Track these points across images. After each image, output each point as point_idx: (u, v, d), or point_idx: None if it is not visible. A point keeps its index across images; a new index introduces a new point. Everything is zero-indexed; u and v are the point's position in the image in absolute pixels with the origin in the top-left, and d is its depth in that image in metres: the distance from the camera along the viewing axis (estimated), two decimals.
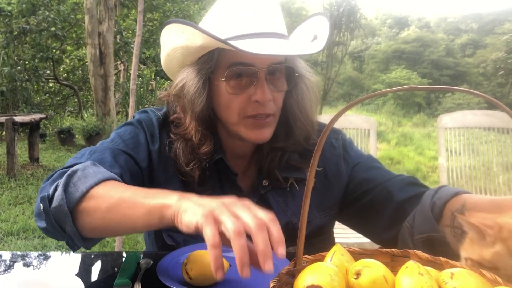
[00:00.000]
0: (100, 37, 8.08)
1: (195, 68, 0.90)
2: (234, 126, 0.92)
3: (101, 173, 0.79)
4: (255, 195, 0.98)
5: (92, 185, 0.76)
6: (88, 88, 11.08)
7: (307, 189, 0.59)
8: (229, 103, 0.90)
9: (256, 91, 0.87)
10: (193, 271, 0.76)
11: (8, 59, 9.00)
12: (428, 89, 0.54)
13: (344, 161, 1.03)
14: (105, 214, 0.74)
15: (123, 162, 0.90)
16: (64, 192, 0.76)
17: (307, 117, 0.96)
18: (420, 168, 11.32)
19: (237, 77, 0.88)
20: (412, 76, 25.12)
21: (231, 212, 0.59)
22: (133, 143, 0.94)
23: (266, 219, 0.58)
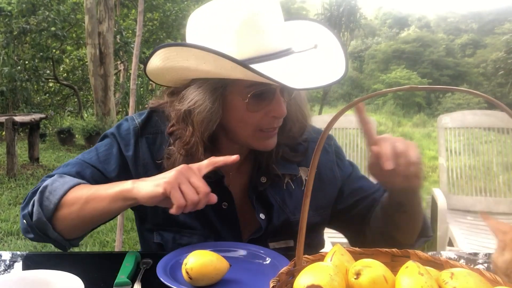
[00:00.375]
0: (100, 37, 8.08)
1: (207, 86, 0.89)
2: (245, 138, 0.94)
3: (67, 183, 0.92)
4: (254, 192, 1.00)
5: (62, 195, 0.89)
6: (88, 88, 11.08)
7: (307, 189, 0.59)
8: (246, 119, 0.91)
9: (274, 107, 0.90)
10: (193, 271, 0.76)
11: (8, 59, 9.00)
12: (428, 89, 0.54)
13: (338, 167, 1.08)
14: (78, 214, 0.88)
15: (89, 176, 0.98)
16: (40, 207, 0.90)
17: (304, 114, 0.99)
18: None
19: (258, 96, 0.89)
20: (412, 76, 25.13)
21: (187, 178, 0.81)
22: (105, 155, 1.01)
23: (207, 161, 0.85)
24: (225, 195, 0.99)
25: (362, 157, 3.20)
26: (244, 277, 0.82)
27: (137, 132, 1.01)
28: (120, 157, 0.99)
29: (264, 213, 1.00)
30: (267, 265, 0.86)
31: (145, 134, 1.01)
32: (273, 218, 1.00)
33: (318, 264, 0.60)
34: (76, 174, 0.97)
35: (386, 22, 41.58)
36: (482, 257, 0.94)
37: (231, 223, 1.01)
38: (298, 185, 1.03)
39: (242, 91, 0.88)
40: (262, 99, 0.89)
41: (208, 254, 0.79)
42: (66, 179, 0.93)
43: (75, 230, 0.93)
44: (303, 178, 1.04)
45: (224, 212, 1.00)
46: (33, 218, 0.90)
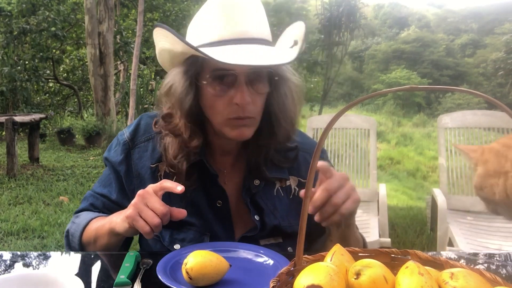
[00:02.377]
0: (100, 37, 8.07)
1: (182, 70, 0.96)
2: (219, 125, 0.97)
3: (81, 224, 1.03)
4: (248, 194, 1.02)
5: (80, 236, 1.02)
6: (88, 88, 11.08)
7: (307, 189, 0.59)
8: (212, 104, 0.95)
9: (236, 94, 0.91)
10: (193, 271, 0.76)
11: (8, 59, 9.00)
12: (428, 89, 0.54)
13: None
14: (95, 247, 1.01)
15: (100, 206, 1.08)
16: (68, 247, 1.07)
17: (288, 119, 1.00)
18: (420, 168, 11.33)
19: (219, 80, 0.93)
20: (412, 76, 25.14)
21: (145, 204, 0.86)
22: (107, 180, 1.09)
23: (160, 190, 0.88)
24: (220, 193, 1.02)
25: (362, 157, 3.20)
26: (244, 277, 0.82)
27: (128, 146, 1.05)
28: (117, 178, 1.06)
29: (258, 215, 1.02)
30: (267, 265, 0.86)
31: (136, 145, 1.05)
32: (266, 221, 1.02)
33: (318, 264, 0.60)
34: (90, 206, 1.08)
35: (386, 22, 41.57)
36: (482, 257, 0.94)
37: (225, 221, 1.04)
38: (286, 193, 1.05)
39: (208, 76, 0.93)
40: (225, 84, 0.93)
41: (208, 254, 0.79)
42: (80, 219, 1.05)
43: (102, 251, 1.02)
44: (292, 187, 1.05)
45: (218, 210, 1.03)
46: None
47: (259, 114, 0.97)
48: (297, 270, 0.62)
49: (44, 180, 5.39)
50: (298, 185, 1.06)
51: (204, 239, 1.01)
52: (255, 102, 0.94)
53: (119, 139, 1.07)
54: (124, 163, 1.04)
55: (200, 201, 1.02)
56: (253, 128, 0.97)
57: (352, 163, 3.23)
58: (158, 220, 0.84)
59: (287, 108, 0.99)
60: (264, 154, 1.01)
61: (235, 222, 1.04)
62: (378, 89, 22.82)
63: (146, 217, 0.84)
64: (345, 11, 9.97)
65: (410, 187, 9.10)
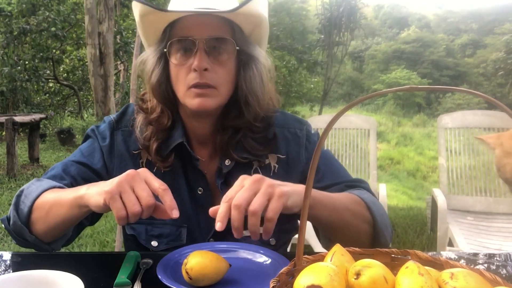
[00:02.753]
0: (100, 37, 8.08)
1: (153, 48, 1.02)
2: (183, 99, 0.98)
3: (42, 186, 0.92)
4: (220, 176, 1.02)
5: (35, 198, 0.90)
6: (88, 88, 11.09)
7: (307, 188, 0.59)
8: (176, 75, 0.98)
9: (194, 60, 0.94)
10: (193, 271, 0.76)
11: (8, 59, 9.01)
12: (428, 89, 0.54)
13: (305, 150, 1.08)
14: (45, 219, 0.89)
15: (75, 172, 1.01)
16: (15, 211, 0.91)
17: (255, 98, 1.01)
18: (420, 168, 11.33)
19: (179, 50, 0.96)
20: (412, 76, 25.13)
21: (131, 187, 0.76)
22: (88, 151, 1.05)
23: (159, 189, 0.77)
24: (200, 180, 1.03)
25: (362, 157, 3.20)
26: (244, 277, 0.82)
27: (112, 125, 1.07)
28: (101, 150, 1.05)
29: None
30: (267, 265, 0.86)
31: (121, 127, 1.07)
32: None
33: (318, 264, 0.60)
34: (62, 172, 1.00)
35: (386, 22, 41.57)
36: (482, 257, 0.94)
37: (206, 209, 1.03)
38: (266, 172, 1.04)
39: (170, 45, 0.97)
40: (185, 53, 0.96)
41: (208, 254, 0.79)
42: (42, 182, 0.95)
43: (49, 234, 0.92)
44: (271, 165, 1.05)
45: (199, 198, 1.03)
46: (10, 222, 0.92)
47: (222, 85, 0.98)
48: (297, 270, 0.62)
49: None
50: (278, 162, 1.05)
51: (182, 232, 1.02)
52: (215, 71, 0.96)
53: (105, 119, 1.10)
54: (109, 139, 1.05)
55: (181, 188, 1.03)
56: (216, 99, 0.97)
57: (352, 163, 3.23)
58: (139, 209, 0.75)
59: (254, 87, 1.00)
60: (236, 135, 1.02)
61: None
62: (378, 89, 22.83)
63: (127, 200, 0.75)
64: (345, 11, 9.98)
65: (410, 187, 9.11)
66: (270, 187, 0.77)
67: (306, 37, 12.46)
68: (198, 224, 1.03)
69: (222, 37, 0.96)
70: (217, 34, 0.96)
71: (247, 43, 1.01)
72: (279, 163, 1.06)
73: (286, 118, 1.11)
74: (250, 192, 0.76)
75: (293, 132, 1.09)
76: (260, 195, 0.76)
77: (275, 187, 0.78)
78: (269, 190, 0.77)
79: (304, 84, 12.27)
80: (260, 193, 0.76)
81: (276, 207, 0.76)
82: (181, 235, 1.02)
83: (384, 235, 0.95)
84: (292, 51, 11.34)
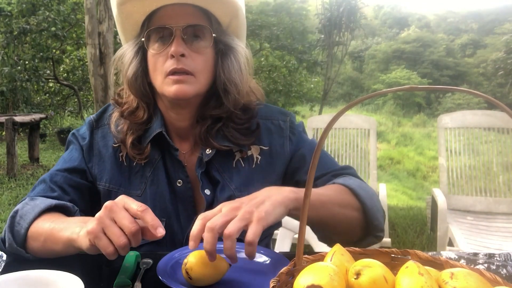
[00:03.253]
0: (100, 37, 8.07)
1: (131, 42, 1.04)
2: (161, 88, 0.98)
3: (37, 206, 0.90)
4: (200, 166, 1.02)
5: (30, 222, 0.88)
6: (88, 88, 11.08)
7: (307, 188, 0.59)
8: (154, 64, 0.98)
9: (171, 46, 0.95)
10: (193, 271, 0.76)
11: (8, 59, 9.00)
12: (428, 89, 0.54)
13: (289, 141, 1.08)
14: (42, 248, 0.87)
15: (61, 181, 1.02)
16: (10, 233, 0.90)
17: (234, 86, 1.01)
18: (420, 168, 11.33)
19: (157, 40, 0.98)
20: (412, 76, 25.13)
21: (112, 219, 0.73)
22: (69, 155, 1.07)
23: (138, 212, 0.73)
24: (180, 172, 1.03)
25: (362, 157, 3.20)
26: (244, 277, 0.82)
27: (92, 125, 1.09)
28: (81, 148, 1.07)
29: (210, 189, 1.02)
30: (267, 265, 0.86)
31: (100, 126, 1.09)
32: (217, 193, 1.01)
33: (318, 264, 0.60)
34: (51, 183, 1.01)
35: (386, 22, 41.57)
36: (482, 257, 0.94)
37: (186, 202, 1.03)
38: (249, 163, 1.05)
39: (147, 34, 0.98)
40: (162, 42, 0.97)
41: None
42: (37, 201, 0.93)
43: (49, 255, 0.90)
44: (254, 156, 1.05)
45: (178, 190, 1.03)
46: (5, 245, 0.91)
47: (200, 72, 0.98)
48: (297, 270, 0.62)
49: None
50: (260, 154, 1.06)
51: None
52: (193, 57, 0.97)
53: (86, 120, 1.11)
54: (87, 139, 1.07)
55: (160, 180, 1.03)
56: (193, 86, 0.97)
57: (352, 163, 3.23)
58: (125, 241, 0.71)
59: (232, 75, 1.00)
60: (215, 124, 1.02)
61: (196, 203, 1.04)
62: (378, 89, 22.83)
63: (111, 235, 0.72)
64: (345, 11, 9.97)
65: (410, 187, 9.10)
66: (248, 213, 0.74)
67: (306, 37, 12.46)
68: (177, 218, 1.03)
69: (199, 24, 0.98)
70: (193, 21, 0.97)
71: (225, 34, 1.03)
72: (262, 154, 1.06)
73: (270, 110, 1.11)
74: (226, 218, 0.74)
75: (276, 124, 1.09)
76: (237, 220, 0.73)
77: (253, 212, 0.75)
78: (247, 216, 0.74)
79: (304, 84, 12.26)
80: (237, 219, 0.73)
81: (256, 230, 0.73)
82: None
83: (376, 217, 0.94)
84: (292, 51, 11.33)
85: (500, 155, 3.04)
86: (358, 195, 0.93)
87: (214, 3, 0.98)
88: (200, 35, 0.99)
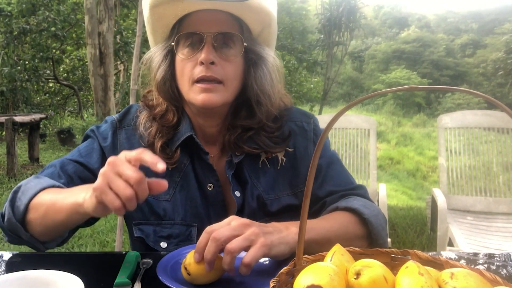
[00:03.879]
0: (100, 37, 8.08)
1: (160, 45, 1.02)
2: (187, 94, 0.97)
3: (40, 183, 0.90)
4: (230, 167, 1.01)
5: (32, 196, 0.87)
6: (88, 88, 11.09)
7: (307, 188, 0.59)
8: (182, 69, 0.97)
9: (201, 53, 0.93)
10: (191, 266, 0.76)
11: (8, 59, 9.01)
12: (428, 89, 0.54)
13: (313, 144, 1.07)
14: (42, 220, 0.86)
15: (72, 170, 0.99)
16: (11, 207, 0.89)
17: (267, 98, 1.00)
18: (420, 168, 11.33)
19: (186, 44, 0.96)
20: (412, 76, 25.15)
21: (116, 173, 0.71)
22: (86, 150, 1.04)
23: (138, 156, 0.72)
24: (210, 175, 1.02)
25: (362, 157, 3.20)
26: (244, 277, 0.82)
27: (115, 125, 1.06)
28: (100, 150, 1.03)
29: (240, 191, 1.01)
30: (267, 265, 0.86)
31: (124, 126, 1.06)
32: (247, 195, 1.01)
33: (318, 264, 0.60)
34: (60, 170, 0.98)
35: (386, 22, 41.58)
36: (482, 257, 0.94)
37: (217, 206, 1.03)
38: (273, 164, 1.04)
39: (178, 39, 0.97)
40: (193, 47, 0.96)
41: None
42: (41, 180, 0.92)
43: (45, 235, 0.90)
44: (279, 158, 1.05)
45: (209, 194, 1.02)
46: (4, 219, 0.90)
47: (229, 81, 0.96)
48: (297, 270, 0.62)
49: None
50: (285, 155, 1.05)
51: (192, 231, 1.00)
52: (222, 65, 0.95)
53: (107, 119, 1.08)
54: (110, 138, 1.04)
55: (190, 185, 1.01)
56: (221, 95, 0.95)
57: (352, 163, 3.23)
58: (131, 192, 0.69)
59: (265, 86, 0.99)
60: (246, 133, 1.01)
61: (227, 206, 1.03)
62: (378, 89, 22.83)
63: (116, 188, 0.69)
64: (345, 11, 9.98)
65: (410, 187, 9.10)
66: (254, 234, 0.75)
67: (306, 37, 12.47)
68: (209, 222, 1.01)
69: (230, 32, 0.96)
70: (225, 29, 0.95)
71: (255, 43, 1.00)
72: (287, 156, 1.05)
73: (293, 111, 1.10)
74: (233, 232, 0.75)
75: (300, 125, 1.08)
76: (242, 238, 0.74)
77: (260, 236, 0.75)
78: (253, 237, 0.75)
79: (304, 84, 12.28)
80: (242, 237, 0.74)
81: (255, 254, 0.74)
82: (191, 234, 1.00)
83: (381, 236, 0.95)
84: (292, 51, 11.35)
85: (500, 155, 3.04)
86: (365, 218, 0.93)
87: (248, 12, 0.96)
88: (231, 43, 0.97)
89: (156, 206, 1.01)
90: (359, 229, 0.94)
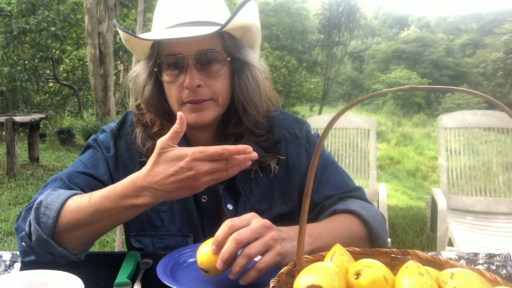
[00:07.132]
0: (100, 37, 8.08)
1: (144, 62, 1.01)
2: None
3: (62, 194, 0.88)
4: (222, 181, 0.99)
5: (59, 207, 0.85)
6: (88, 88, 11.09)
7: (307, 189, 0.59)
8: (169, 91, 0.97)
9: (185, 77, 0.92)
10: (203, 265, 0.74)
11: (8, 59, 9.01)
12: (428, 89, 0.54)
13: (305, 152, 1.07)
14: (80, 229, 0.85)
15: (82, 183, 0.98)
16: (37, 225, 0.85)
17: (252, 104, 0.99)
18: (420, 168, 11.33)
19: (169, 66, 0.95)
20: (412, 76, 25.15)
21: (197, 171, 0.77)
22: (92, 162, 1.02)
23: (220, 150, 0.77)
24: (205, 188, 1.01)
25: (362, 157, 3.20)
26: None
27: (115, 134, 1.05)
28: (105, 160, 1.03)
29: (232, 204, 1.01)
30: None
31: (123, 136, 1.05)
32: (239, 207, 1.01)
33: (318, 264, 0.60)
34: (69, 183, 0.96)
35: (386, 22, 41.57)
36: (482, 257, 0.94)
37: (211, 217, 1.03)
38: (266, 173, 1.04)
39: (159, 63, 0.96)
40: (175, 70, 0.94)
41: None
42: (60, 191, 0.91)
43: (81, 244, 0.89)
44: (272, 166, 1.04)
45: (203, 206, 1.02)
46: (32, 238, 0.85)
47: (219, 95, 0.95)
48: (297, 270, 0.62)
49: (44, 180, 5.39)
50: (278, 163, 1.04)
51: (188, 241, 1.01)
52: (209, 84, 0.94)
53: (105, 129, 1.07)
54: (113, 149, 1.03)
55: (187, 197, 1.01)
56: (213, 110, 0.95)
57: (352, 163, 3.23)
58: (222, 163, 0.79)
59: (250, 95, 0.98)
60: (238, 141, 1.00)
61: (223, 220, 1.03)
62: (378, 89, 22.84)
63: (209, 168, 0.78)
64: (345, 11, 9.98)
65: (410, 187, 9.11)
66: (274, 240, 0.75)
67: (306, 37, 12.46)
68: (204, 233, 1.03)
69: (212, 49, 0.94)
70: (206, 47, 0.93)
71: (239, 48, 0.98)
72: (279, 164, 1.04)
73: (285, 117, 1.09)
74: (254, 235, 0.74)
75: (292, 132, 1.07)
76: (261, 243, 0.74)
77: (278, 243, 0.76)
78: (271, 242, 0.75)
79: (304, 84, 12.27)
80: (261, 240, 0.74)
81: (270, 262, 0.74)
82: (188, 243, 1.01)
83: (381, 236, 0.95)
84: (292, 51, 11.34)
85: (500, 155, 3.04)
86: (364, 220, 0.94)
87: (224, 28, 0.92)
88: (214, 59, 0.94)
89: (154, 217, 1.02)
90: (361, 231, 0.94)
